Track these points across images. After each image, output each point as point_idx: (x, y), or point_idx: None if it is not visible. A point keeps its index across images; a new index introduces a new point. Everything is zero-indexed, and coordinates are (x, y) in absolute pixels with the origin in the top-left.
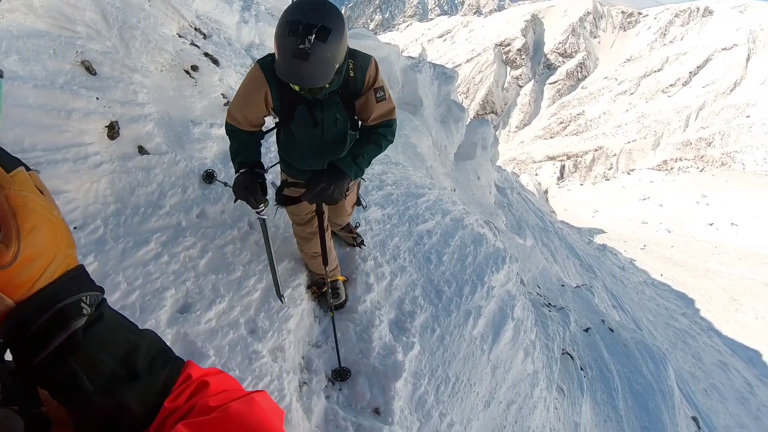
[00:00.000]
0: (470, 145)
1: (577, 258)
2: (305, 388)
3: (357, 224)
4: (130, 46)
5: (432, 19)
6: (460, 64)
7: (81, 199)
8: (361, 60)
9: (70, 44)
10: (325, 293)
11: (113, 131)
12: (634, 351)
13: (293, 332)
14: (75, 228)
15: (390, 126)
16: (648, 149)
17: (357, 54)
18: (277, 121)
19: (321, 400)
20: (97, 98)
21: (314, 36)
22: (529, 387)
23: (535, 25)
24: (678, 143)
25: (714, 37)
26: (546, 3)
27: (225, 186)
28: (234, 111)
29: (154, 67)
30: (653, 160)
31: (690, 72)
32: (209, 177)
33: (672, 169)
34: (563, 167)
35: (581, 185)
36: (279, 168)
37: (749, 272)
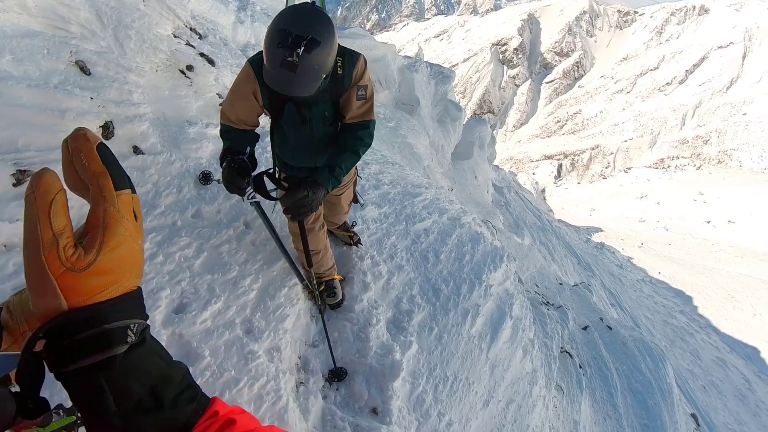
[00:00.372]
0: (467, 145)
1: (575, 256)
2: (302, 389)
3: (354, 223)
4: (125, 46)
5: (428, 19)
6: (457, 64)
7: (75, 200)
8: (350, 58)
9: (64, 44)
10: (321, 293)
11: (108, 131)
12: (633, 349)
13: (290, 332)
14: None
15: (367, 127)
16: (645, 147)
17: (346, 51)
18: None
19: (318, 401)
20: (92, 98)
21: (303, 48)
22: (528, 385)
23: (532, 25)
24: (675, 141)
25: (710, 36)
26: (542, 2)
27: (219, 183)
28: (227, 110)
29: (149, 67)
30: (650, 159)
31: (686, 70)
32: (205, 178)
33: (669, 167)
34: (560, 166)
35: (578, 184)
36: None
37: (747, 269)
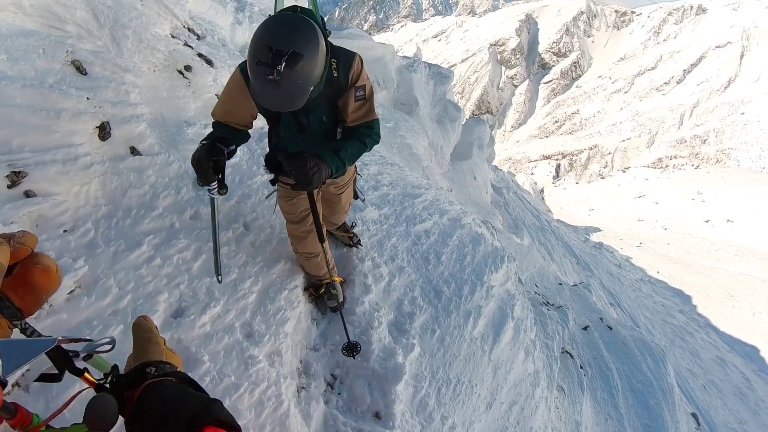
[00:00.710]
0: (466, 145)
1: (574, 256)
2: (303, 393)
3: (353, 224)
4: (122, 46)
5: (426, 20)
6: (455, 64)
7: (71, 202)
8: (345, 58)
9: (60, 43)
10: (322, 295)
11: (104, 132)
12: (633, 349)
13: (290, 336)
14: (65, 231)
15: (371, 127)
16: (643, 147)
17: (340, 52)
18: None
19: (320, 405)
20: (88, 98)
21: (284, 64)
22: (531, 387)
23: (530, 25)
24: (673, 141)
25: (708, 35)
26: (540, 2)
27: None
28: (217, 113)
29: (147, 67)
30: (648, 158)
31: (684, 70)
32: None
33: (667, 167)
34: (559, 166)
35: (577, 184)
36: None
37: (746, 268)
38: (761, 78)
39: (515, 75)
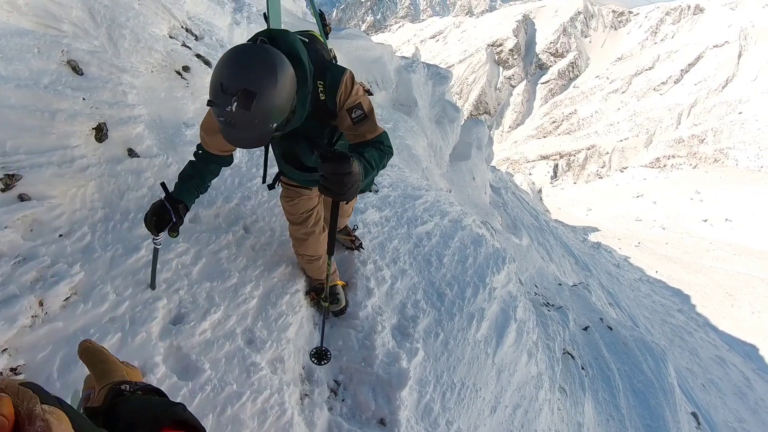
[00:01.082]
0: (465, 146)
1: (573, 256)
2: (307, 401)
3: (355, 227)
4: (119, 46)
5: (424, 20)
6: (453, 65)
7: (67, 205)
8: (332, 79)
9: (56, 43)
10: (324, 299)
11: (101, 133)
12: (634, 349)
13: (293, 341)
14: (60, 236)
15: (381, 142)
16: (641, 147)
17: (328, 71)
18: None
19: (324, 412)
20: (84, 99)
21: (234, 105)
22: (534, 390)
23: (527, 26)
24: (670, 140)
25: (705, 35)
26: (537, 3)
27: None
28: (203, 134)
29: (144, 68)
30: (646, 158)
31: (681, 70)
32: None
33: (665, 167)
34: (556, 166)
35: (575, 184)
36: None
37: (744, 267)
38: (759, 77)
39: (513, 75)
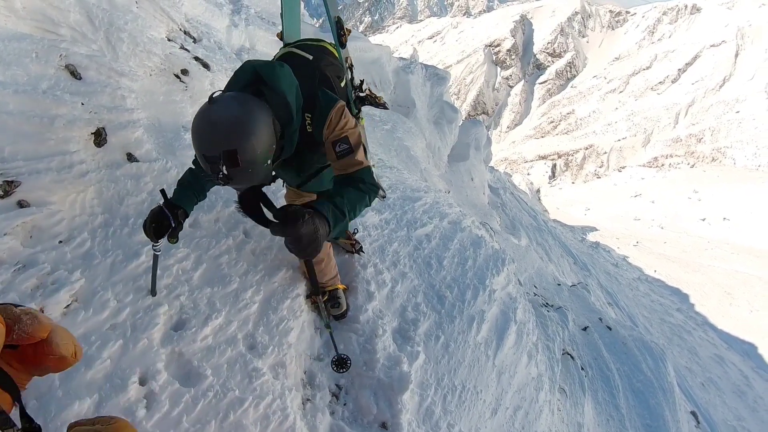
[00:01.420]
0: (463, 147)
1: (571, 256)
2: (309, 405)
3: (355, 230)
4: (117, 50)
5: (421, 21)
6: (451, 65)
7: (66, 211)
8: (319, 113)
9: (54, 47)
10: (325, 303)
11: (100, 138)
12: (633, 349)
13: (294, 346)
14: (60, 242)
15: (361, 178)
16: (638, 146)
17: (317, 103)
18: None
19: (326, 417)
20: (83, 104)
21: (224, 167)
22: (534, 391)
23: (524, 26)
24: (668, 140)
25: (702, 34)
26: (534, 3)
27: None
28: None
29: (143, 71)
30: (644, 157)
31: (679, 69)
32: None
33: (663, 166)
34: (554, 166)
35: (573, 184)
36: None
37: (743, 266)
38: (756, 76)
39: (510, 76)
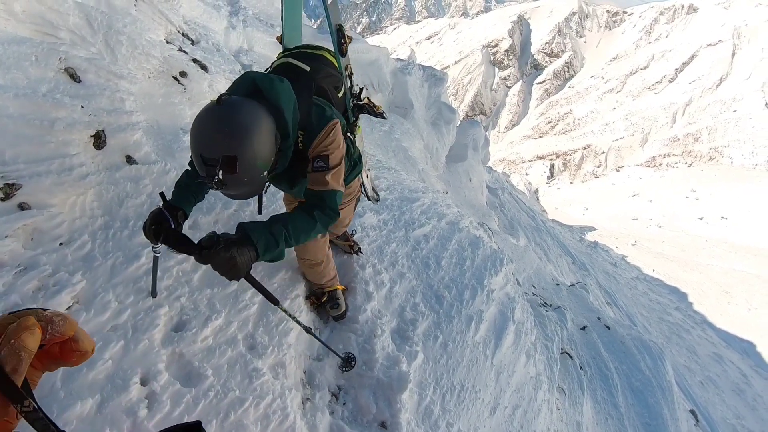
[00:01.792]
0: (461, 147)
1: (570, 256)
2: (309, 405)
3: (353, 231)
4: (116, 52)
5: (419, 22)
6: (449, 66)
7: (67, 213)
8: (310, 131)
9: (53, 51)
10: (324, 304)
11: (99, 141)
12: (632, 348)
13: (293, 346)
14: (61, 244)
15: (323, 199)
16: (636, 146)
17: (311, 121)
18: None
19: (326, 416)
20: (82, 107)
21: (220, 173)
22: (533, 390)
23: (522, 26)
24: (666, 139)
25: (699, 34)
26: (532, 4)
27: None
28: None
29: (142, 74)
30: (642, 157)
31: (676, 69)
32: None
33: (661, 165)
34: (553, 166)
35: (571, 183)
36: None
37: (741, 265)
38: (753, 75)
39: (508, 76)
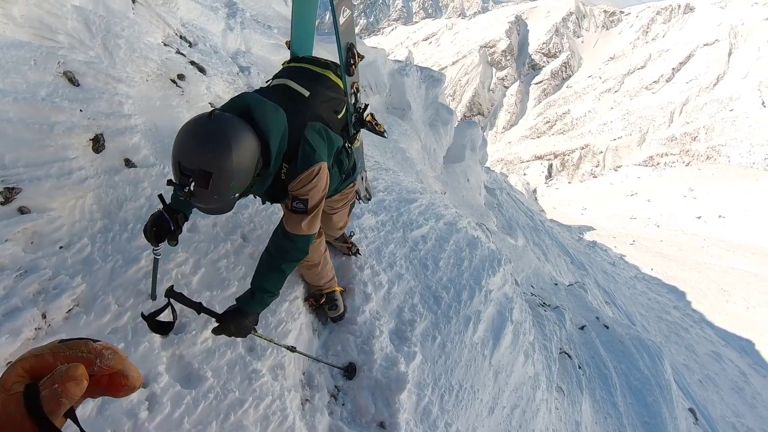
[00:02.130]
0: (459, 148)
1: (568, 256)
2: (308, 406)
3: (351, 233)
4: (114, 56)
5: (417, 23)
6: (446, 67)
7: (66, 217)
8: (295, 167)
9: (52, 55)
10: (323, 306)
11: (98, 144)
12: (630, 347)
13: None
14: (61, 248)
15: (293, 240)
16: (634, 146)
17: (297, 159)
18: None
19: (325, 417)
20: (81, 110)
21: (192, 185)
22: (531, 390)
23: (519, 27)
24: (663, 139)
25: (696, 33)
26: (529, 4)
27: None
28: None
29: (140, 77)
30: (639, 156)
31: (673, 68)
32: None
33: (658, 165)
34: (551, 166)
35: (569, 183)
36: None
37: (739, 263)
38: (749, 75)
39: (506, 76)
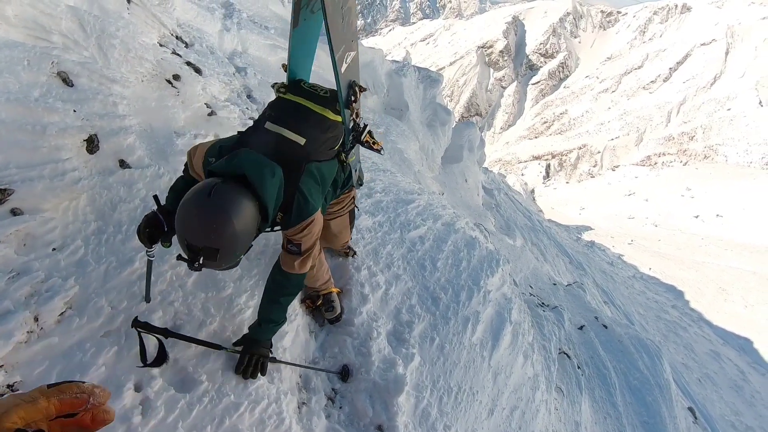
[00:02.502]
0: (457, 148)
1: (567, 256)
2: (305, 409)
3: None
4: (109, 56)
5: (414, 23)
6: (444, 67)
7: (59, 219)
8: (288, 220)
9: (46, 55)
10: (319, 307)
11: (92, 145)
12: (629, 346)
13: (289, 350)
14: (54, 250)
15: (287, 277)
16: (631, 145)
17: (291, 211)
18: None
19: (322, 420)
20: (75, 111)
21: (202, 259)
22: (531, 391)
23: (516, 27)
24: (661, 138)
25: (693, 33)
26: (526, 4)
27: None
28: (190, 159)
29: (135, 78)
30: (637, 156)
31: (670, 68)
32: None
33: (656, 164)
34: (549, 166)
35: (567, 183)
36: None
37: (736, 262)
38: (746, 74)
39: (503, 77)
